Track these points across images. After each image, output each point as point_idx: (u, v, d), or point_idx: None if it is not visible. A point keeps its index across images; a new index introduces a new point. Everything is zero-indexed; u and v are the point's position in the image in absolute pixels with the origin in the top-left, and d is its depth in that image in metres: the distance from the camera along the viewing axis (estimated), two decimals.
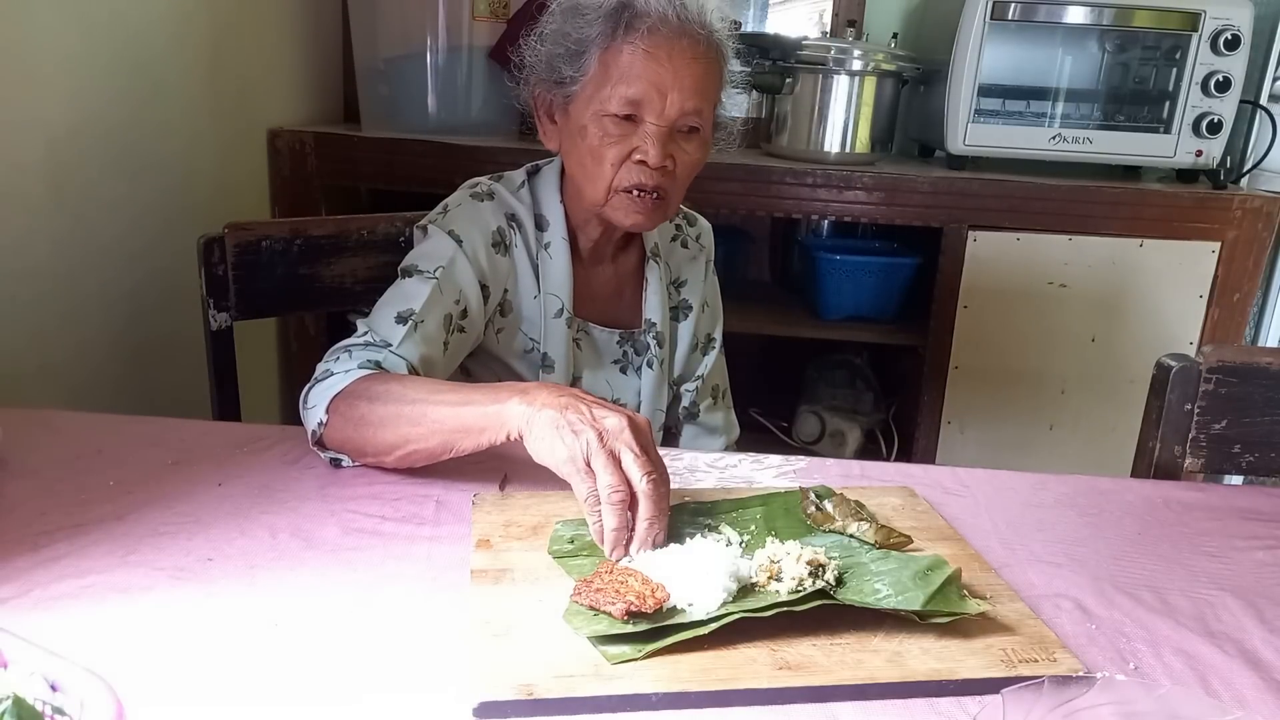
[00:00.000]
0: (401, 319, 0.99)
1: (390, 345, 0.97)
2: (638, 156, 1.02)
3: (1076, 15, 1.82)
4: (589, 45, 1.02)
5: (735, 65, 1.09)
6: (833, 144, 1.91)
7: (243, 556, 0.74)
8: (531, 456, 0.79)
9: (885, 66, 1.89)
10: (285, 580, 0.72)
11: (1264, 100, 1.94)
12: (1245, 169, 1.95)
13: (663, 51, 1.00)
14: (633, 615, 0.64)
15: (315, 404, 0.91)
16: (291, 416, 1.89)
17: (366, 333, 0.99)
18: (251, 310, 1.27)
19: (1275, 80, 1.97)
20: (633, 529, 0.74)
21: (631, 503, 0.75)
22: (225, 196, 1.64)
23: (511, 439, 0.81)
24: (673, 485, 0.90)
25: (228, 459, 0.91)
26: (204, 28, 1.55)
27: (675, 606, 0.67)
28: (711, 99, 1.05)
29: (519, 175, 1.16)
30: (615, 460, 0.75)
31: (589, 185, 1.06)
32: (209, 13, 1.56)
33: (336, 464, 0.92)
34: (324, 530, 0.79)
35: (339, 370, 0.93)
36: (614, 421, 0.77)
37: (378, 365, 0.94)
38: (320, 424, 0.90)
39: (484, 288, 1.07)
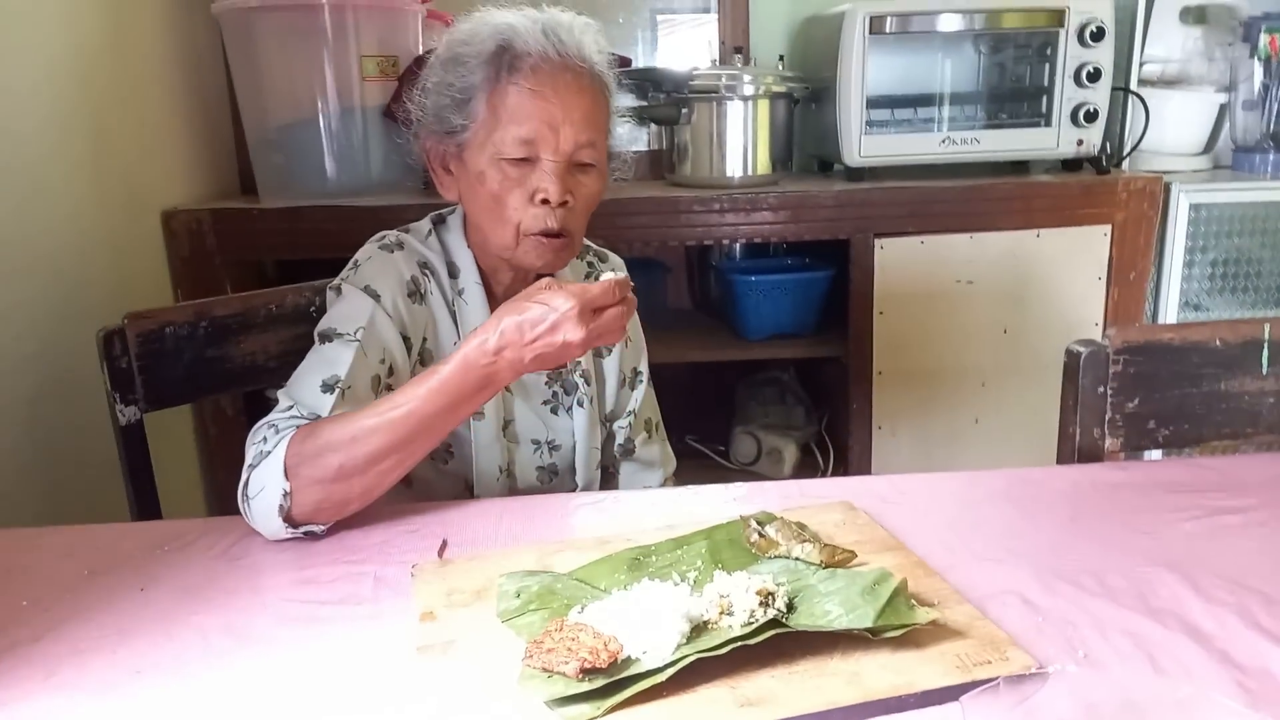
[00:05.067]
0: (328, 387, 0.97)
1: (320, 416, 0.94)
2: (540, 196, 1.02)
3: (950, 23, 1.89)
4: (474, 91, 1.02)
5: (620, 97, 1.10)
6: (734, 168, 1.94)
7: (173, 664, 0.71)
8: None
9: (775, 89, 1.93)
10: (220, 683, 0.68)
11: (1134, 85, 2.04)
12: (1125, 152, 2.04)
13: (548, 88, 1.01)
14: (588, 672, 0.63)
15: (267, 483, 0.88)
16: (217, 507, 1.82)
17: (291, 406, 0.96)
18: (161, 400, 1.22)
19: (1142, 65, 2.08)
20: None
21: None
22: (123, 286, 1.59)
23: (506, 381, 0.92)
24: (614, 529, 0.90)
25: (148, 561, 0.87)
26: (83, 121, 1.50)
27: (630, 657, 0.66)
28: (602, 129, 1.06)
29: (425, 225, 1.16)
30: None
31: (495, 232, 1.05)
32: (87, 105, 1.51)
33: (311, 535, 0.89)
34: (257, 624, 0.76)
35: (272, 448, 0.90)
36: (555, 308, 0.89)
37: None
38: (285, 494, 0.87)
39: (406, 339, 1.06)
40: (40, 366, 1.35)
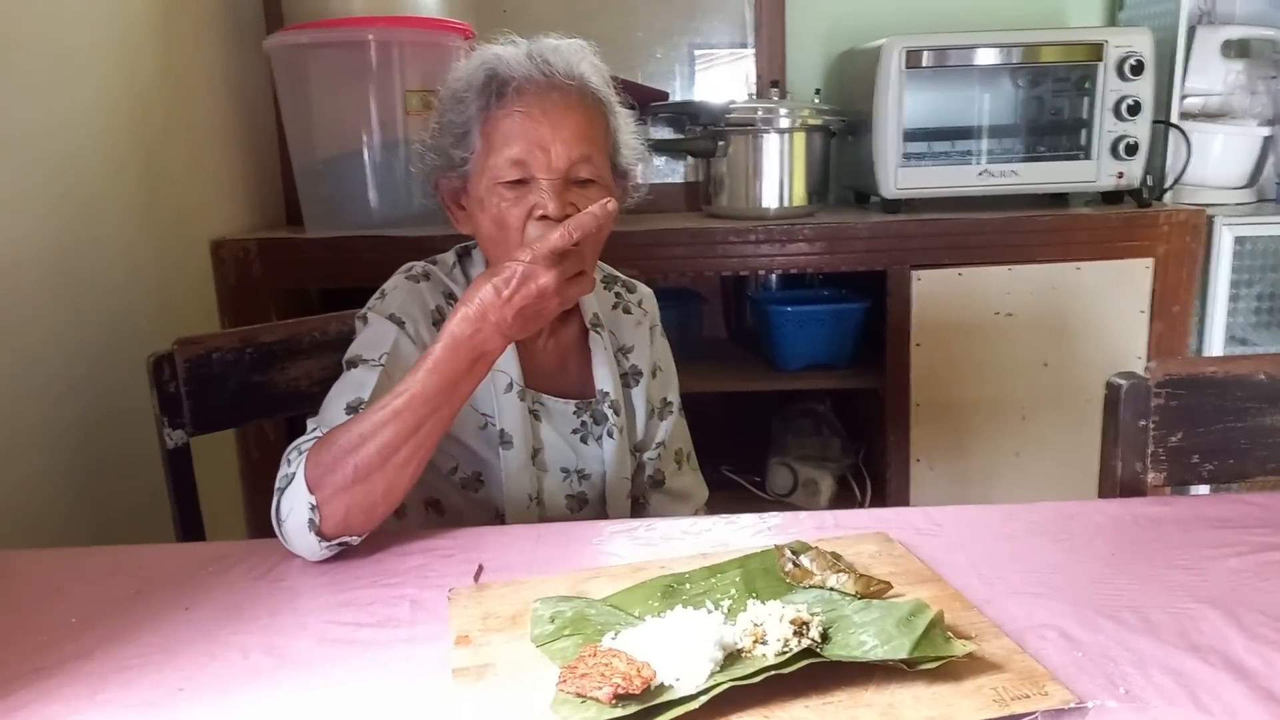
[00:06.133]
0: (352, 409, 0.99)
1: None
2: (539, 212, 1.04)
3: (987, 57, 1.89)
4: (471, 124, 1.06)
5: (624, 113, 1.12)
6: (770, 200, 1.95)
7: (215, 683, 0.72)
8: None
9: (811, 122, 1.94)
10: (261, 703, 0.70)
11: (1175, 119, 2.03)
12: (1167, 185, 2.02)
13: (535, 109, 1.03)
14: (621, 698, 0.63)
15: (295, 502, 0.90)
16: (259, 529, 1.85)
17: (317, 429, 0.98)
18: (208, 424, 1.25)
19: (1183, 98, 2.06)
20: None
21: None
22: (172, 312, 1.63)
23: (497, 349, 0.94)
24: (648, 557, 0.90)
25: (192, 581, 0.89)
26: (138, 152, 1.56)
27: (663, 684, 0.66)
28: (599, 145, 1.08)
29: (450, 257, 1.18)
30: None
31: (502, 255, 1.06)
32: (142, 137, 1.57)
33: (346, 546, 0.91)
34: (298, 645, 0.77)
35: (295, 469, 0.92)
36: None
37: None
38: (312, 508, 0.89)
39: None
40: (91, 390, 1.39)
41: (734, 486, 2.17)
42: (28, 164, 1.28)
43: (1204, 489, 1.55)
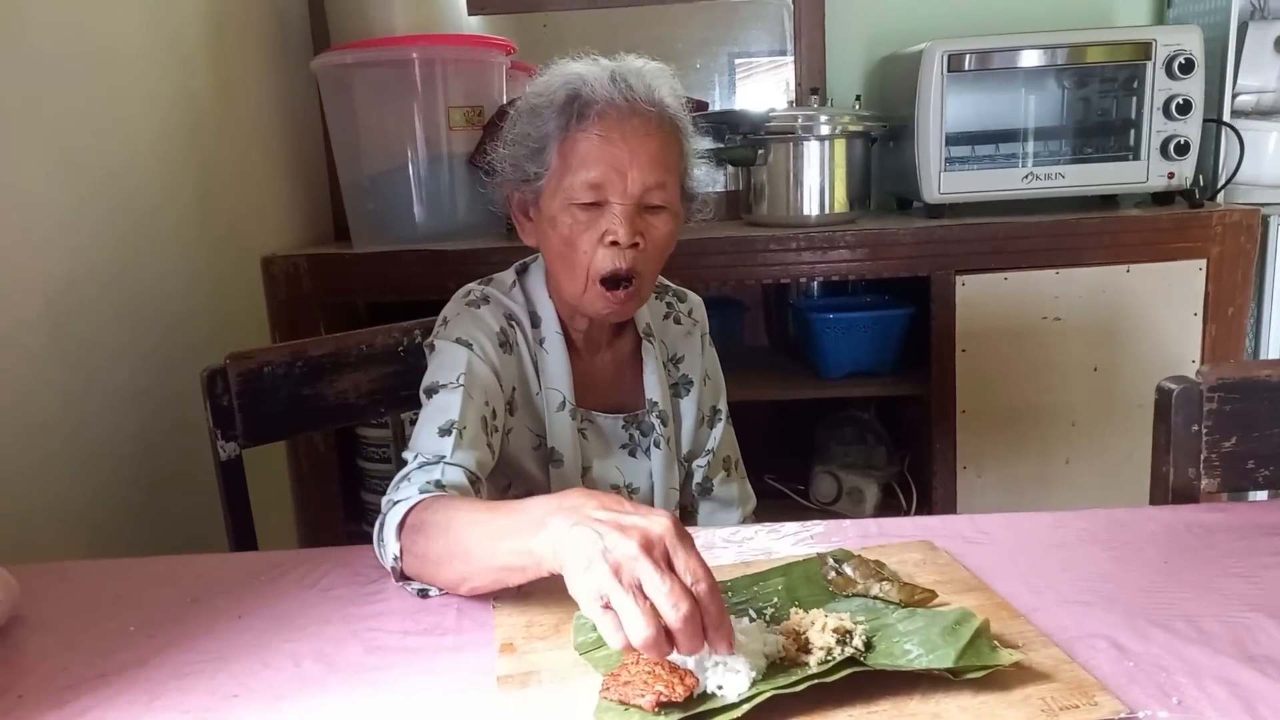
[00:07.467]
0: (444, 431, 1.00)
1: (444, 457, 0.97)
2: (609, 238, 1.04)
3: (1031, 59, 1.87)
4: (548, 140, 1.06)
5: (696, 138, 1.12)
6: (811, 207, 1.95)
7: (268, 689, 0.74)
8: None
9: (852, 128, 1.93)
10: (312, 709, 0.71)
11: (1227, 117, 1.98)
12: (1220, 185, 1.98)
13: (615, 133, 1.03)
14: (663, 705, 0.64)
15: (387, 539, 0.89)
16: (309, 539, 1.88)
17: (416, 456, 0.99)
18: (259, 436, 1.28)
19: (1235, 96, 2.02)
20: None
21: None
22: (225, 327, 1.67)
23: (553, 573, 0.74)
24: None
25: (246, 590, 0.91)
26: (192, 170, 1.60)
27: (705, 691, 0.66)
28: (673, 172, 1.08)
29: (509, 276, 1.19)
30: (638, 592, 0.65)
31: (567, 275, 1.08)
32: (196, 155, 1.61)
33: (424, 594, 0.88)
34: (347, 653, 0.79)
35: (402, 498, 0.92)
36: (627, 547, 0.66)
37: (438, 484, 0.94)
38: (396, 558, 0.88)
39: (500, 386, 1.09)
40: (149, 403, 1.43)
41: (778, 495, 2.16)
42: (86, 181, 1.33)
43: (1260, 495, 1.51)
